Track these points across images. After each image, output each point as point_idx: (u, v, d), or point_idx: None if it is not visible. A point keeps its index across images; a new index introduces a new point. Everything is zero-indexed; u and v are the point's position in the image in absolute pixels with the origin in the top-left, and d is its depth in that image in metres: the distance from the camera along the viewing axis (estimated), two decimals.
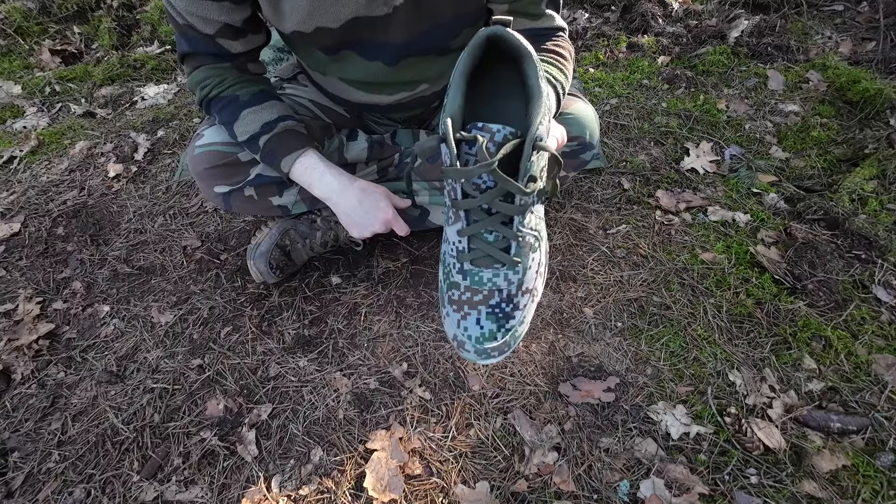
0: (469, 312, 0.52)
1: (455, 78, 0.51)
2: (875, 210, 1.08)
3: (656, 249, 1.06)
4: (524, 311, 0.53)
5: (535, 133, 0.46)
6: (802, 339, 0.89)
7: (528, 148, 0.46)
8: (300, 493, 0.77)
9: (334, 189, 0.79)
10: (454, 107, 0.49)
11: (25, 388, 0.94)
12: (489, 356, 0.51)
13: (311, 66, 0.87)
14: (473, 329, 0.52)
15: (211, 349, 0.96)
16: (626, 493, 0.74)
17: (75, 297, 1.08)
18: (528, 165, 0.47)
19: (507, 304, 0.52)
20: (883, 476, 0.73)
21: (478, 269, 0.51)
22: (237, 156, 0.84)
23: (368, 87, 0.84)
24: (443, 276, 0.56)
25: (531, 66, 0.50)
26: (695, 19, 1.75)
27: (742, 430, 0.79)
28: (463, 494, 0.75)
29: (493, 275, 0.51)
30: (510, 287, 0.52)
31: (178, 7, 0.68)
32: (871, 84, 1.32)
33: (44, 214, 1.26)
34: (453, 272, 0.53)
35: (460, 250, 0.52)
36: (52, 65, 1.85)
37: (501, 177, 0.46)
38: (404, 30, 0.72)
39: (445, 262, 0.56)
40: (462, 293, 0.52)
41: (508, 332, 0.52)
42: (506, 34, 0.50)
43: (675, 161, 1.26)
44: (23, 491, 0.80)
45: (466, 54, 0.51)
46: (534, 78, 0.50)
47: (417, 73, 0.83)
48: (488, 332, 0.51)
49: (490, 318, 0.51)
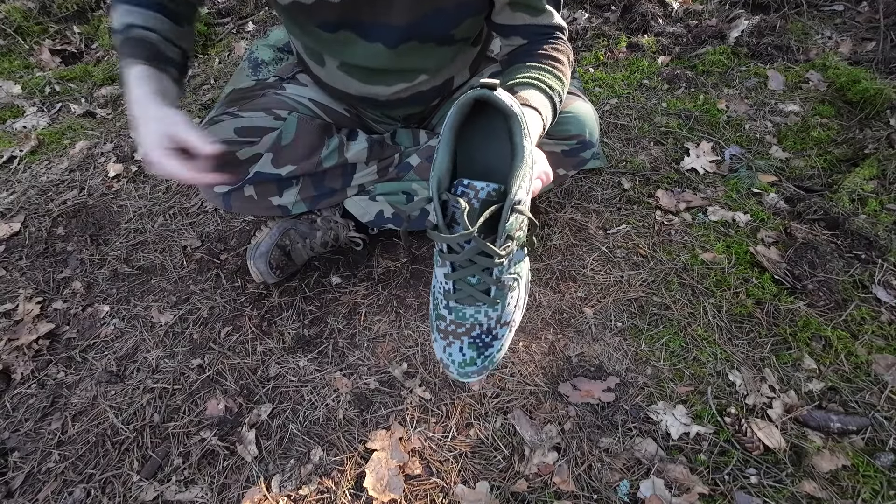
0: (453, 341, 0.59)
1: (444, 133, 0.55)
2: (875, 210, 1.08)
3: (656, 249, 1.06)
4: (502, 339, 0.60)
5: (513, 198, 0.50)
6: (802, 339, 0.89)
7: (507, 212, 0.51)
8: (300, 493, 0.77)
9: (134, 100, 0.70)
10: (441, 168, 0.53)
11: (25, 388, 0.94)
12: (469, 377, 0.59)
13: (309, 53, 0.86)
14: (457, 355, 0.58)
15: (211, 349, 0.96)
16: (626, 493, 0.74)
17: (75, 296, 1.08)
18: (505, 227, 0.51)
19: (487, 336, 0.58)
20: (883, 476, 0.73)
21: (462, 307, 0.58)
22: (236, 154, 0.84)
23: (368, 76, 0.84)
24: (432, 306, 0.62)
25: (516, 125, 0.54)
26: (695, 19, 1.75)
27: (742, 430, 0.79)
28: (463, 494, 0.75)
29: (475, 311, 0.58)
30: (490, 321, 0.58)
31: None
32: (871, 84, 1.32)
33: (44, 214, 1.26)
34: (440, 306, 0.59)
35: (447, 290, 0.58)
36: (52, 65, 1.85)
37: (481, 242, 0.51)
38: (406, 12, 0.72)
39: (434, 296, 0.61)
40: (447, 325, 0.59)
41: (487, 358, 0.59)
42: (492, 97, 0.53)
43: (675, 161, 1.26)
44: (23, 491, 0.80)
45: (455, 112, 0.54)
46: (518, 136, 0.54)
47: (417, 61, 0.82)
48: (469, 359, 0.58)
49: (471, 347, 0.58)
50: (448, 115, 0.55)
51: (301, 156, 0.87)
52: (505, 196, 0.51)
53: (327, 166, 0.90)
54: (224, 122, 0.85)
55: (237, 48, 1.85)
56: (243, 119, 0.85)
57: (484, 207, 0.51)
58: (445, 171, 0.53)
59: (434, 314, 0.61)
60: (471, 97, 0.54)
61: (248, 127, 0.85)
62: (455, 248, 0.55)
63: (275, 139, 0.85)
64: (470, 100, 0.54)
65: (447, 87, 0.92)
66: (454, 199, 0.51)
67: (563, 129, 0.83)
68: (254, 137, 0.85)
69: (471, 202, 0.51)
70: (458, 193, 0.52)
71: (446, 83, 0.91)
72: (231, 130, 0.84)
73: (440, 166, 0.53)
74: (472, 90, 0.54)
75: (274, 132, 0.86)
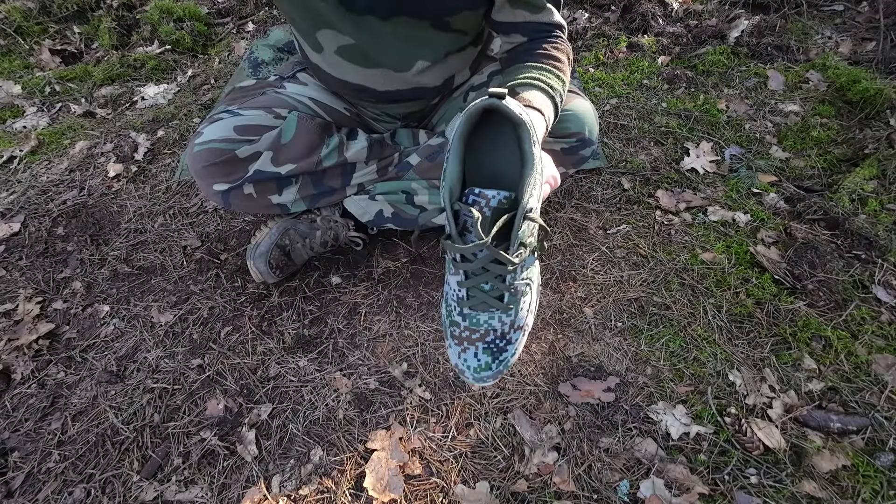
0: (468, 347, 0.59)
1: (454, 142, 0.55)
2: (875, 210, 1.08)
3: (656, 249, 1.06)
4: (516, 344, 0.60)
5: (525, 206, 0.51)
6: (802, 339, 0.89)
7: (520, 220, 0.51)
8: (300, 493, 0.77)
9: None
10: (453, 177, 0.54)
11: (25, 388, 0.93)
12: (485, 381, 0.60)
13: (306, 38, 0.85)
14: (472, 361, 0.59)
15: (211, 349, 0.96)
16: (626, 493, 0.74)
17: (75, 296, 1.08)
18: (518, 235, 0.52)
19: (501, 341, 0.59)
20: (883, 476, 0.73)
21: (475, 313, 0.58)
22: (235, 152, 0.84)
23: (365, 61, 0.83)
24: (445, 312, 0.63)
25: (525, 133, 0.54)
26: (695, 19, 1.75)
27: (742, 430, 0.79)
28: (463, 494, 0.75)
29: (489, 317, 0.58)
30: (503, 327, 0.59)
31: None
32: (871, 84, 1.32)
33: (44, 214, 1.26)
34: (454, 313, 0.60)
35: (460, 297, 0.59)
36: (52, 65, 1.85)
37: (494, 251, 0.52)
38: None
39: (448, 303, 0.62)
40: (462, 331, 0.59)
41: (502, 362, 0.59)
42: (501, 106, 0.54)
43: (675, 161, 1.26)
44: (23, 491, 0.80)
45: (463, 122, 0.55)
46: (527, 143, 0.54)
47: (412, 39, 0.80)
48: (484, 364, 0.59)
49: (486, 353, 0.59)
50: (457, 125, 0.55)
51: (301, 154, 0.87)
52: (516, 203, 0.52)
53: (327, 165, 0.90)
54: (223, 119, 0.85)
55: (237, 48, 1.85)
56: (243, 117, 0.85)
57: (495, 216, 0.52)
58: (456, 181, 0.54)
59: (447, 321, 0.62)
60: (480, 106, 0.54)
61: (248, 125, 0.85)
62: (468, 256, 0.55)
63: (274, 138, 0.86)
64: (479, 109, 0.54)
65: (447, 85, 0.92)
66: (466, 208, 0.51)
67: (563, 127, 0.83)
68: (253, 136, 0.85)
69: (482, 211, 0.52)
70: (469, 203, 0.52)
71: (447, 82, 0.91)
72: (231, 129, 0.84)
73: (451, 176, 0.54)
74: (481, 99, 0.54)
75: (274, 131, 0.86)
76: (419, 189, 0.94)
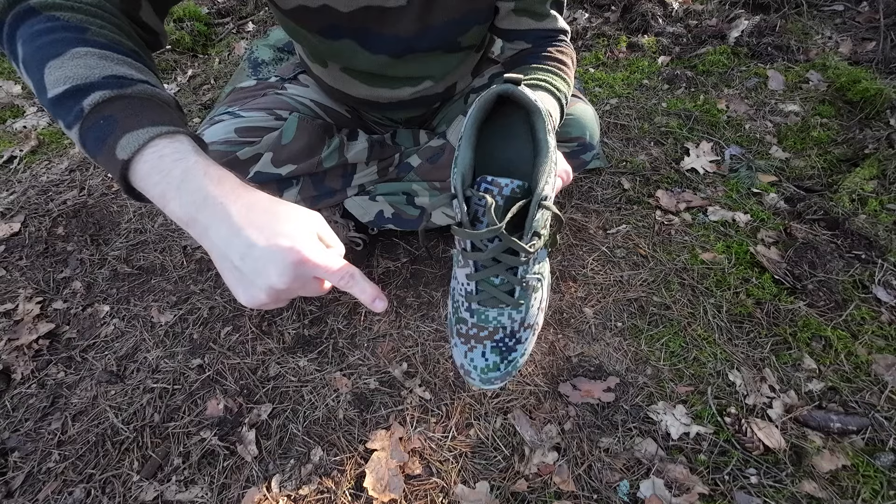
0: (475, 346, 0.56)
1: (466, 129, 0.53)
2: (875, 210, 1.08)
3: (656, 249, 1.06)
4: (526, 343, 0.57)
5: (540, 193, 0.49)
6: (802, 339, 0.89)
7: (534, 208, 0.49)
8: (300, 493, 0.77)
9: (203, 202, 0.42)
10: (465, 164, 0.52)
11: (25, 388, 0.94)
12: (492, 383, 0.56)
13: (311, 57, 0.85)
14: (479, 360, 0.56)
15: (211, 349, 0.96)
16: (626, 493, 0.74)
17: (75, 296, 1.08)
18: (532, 223, 0.50)
19: (511, 339, 0.56)
20: (883, 476, 0.73)
21: (484, 309, 0.55)
22: (236, 154, 0.84)
23: (371, 80, 0.83)
24: (452, 309, 0.60)
25: (539, 121, 0.53)
26: (695, 19, 1.75)
27: (742, 430, 0.79)
28: (463, 494, 0.75)
29: (498, 314, 0.55)
30: (513, 324, 0.56)
31: None
32: (871, 84, 1.32)
33: (44, 214, 1.26)
34: (461, 309, 0.57)
35: (469, 291, 0.56)
36: None
37: (508, 238, 0.49)
38: (415, 22, 0.71)
39: (454, 298, 0.59)
40: (469, 328, 0.57)
41: (511, 363, 0.56)
42: (516, 92, 0.52)
43: (675, 161, 1.26)
44: (23, 491, 0.80)
45: (477, 108, 0.53)
46: (542, 132, 0.52)
47: (422, 69, 0.81)
48: (492, 364, 0.56)
49: (494, 352, 0.56)
50: (470, 111, 0.53)
51: (301, 156, 0.87)
52: (529, 193, 0.50)
53: (327, 166, 0.90)
54: (224, 121, 0.85)
55: (237, 48, 1.85)
56: (244, 119, 0.85)
57: (508, 204, 0.50)
58: (469, 168, 0.52)
59: (454, 318, 0.59)
60: (494, 92, 0.52)
61: (249, 127, 0.85)
62: (479, 245, 0.53)
63: (275, 139, 0.85)
64: (493, 95, 0.53)
65: (450, 91, 0.92)
66: (478, 195, 0.49)
67: (564, 132, 0.83)
68: (254, 137, 0.85)
69: (495, 198, 0.49)
70: (481, 190, 0.50)
71: (449, 89, 0.91)
72: (231, 130, 0.84)
73: (463, 162, 0.52)
74: (496, 85, 0.53)
75: (274, 132, 0.86)
76: (420, 190, 0.94)
